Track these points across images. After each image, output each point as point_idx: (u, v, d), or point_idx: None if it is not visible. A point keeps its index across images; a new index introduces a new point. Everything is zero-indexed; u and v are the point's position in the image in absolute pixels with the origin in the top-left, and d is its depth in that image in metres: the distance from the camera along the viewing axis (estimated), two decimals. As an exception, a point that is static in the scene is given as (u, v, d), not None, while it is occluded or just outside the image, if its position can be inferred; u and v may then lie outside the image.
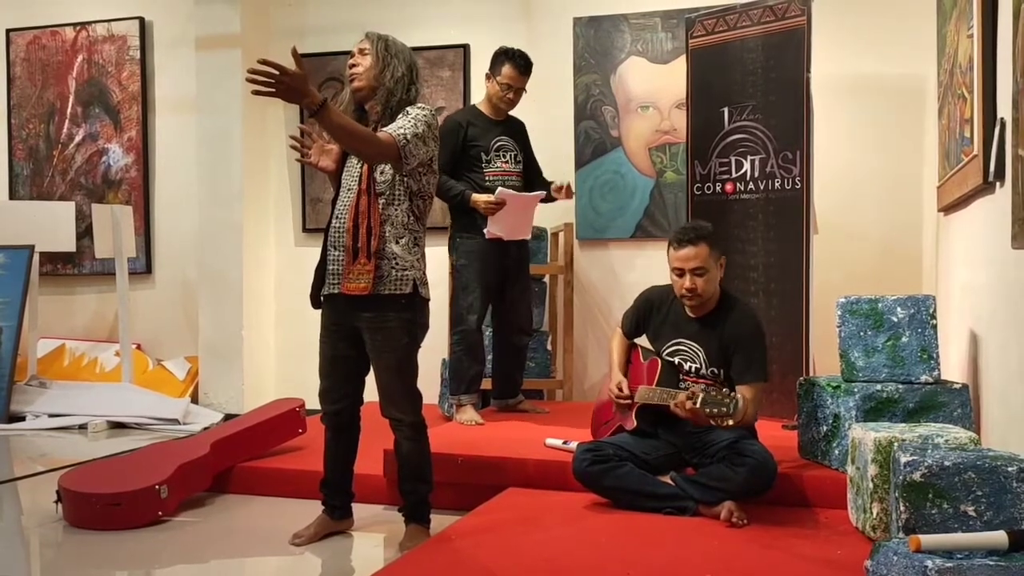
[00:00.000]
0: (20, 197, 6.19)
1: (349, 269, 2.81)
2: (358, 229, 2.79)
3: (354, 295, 2.80)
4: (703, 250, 3.03)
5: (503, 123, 4.24)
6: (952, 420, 2.98)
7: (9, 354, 5.36)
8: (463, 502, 3.22)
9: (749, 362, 3.05)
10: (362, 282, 2.78)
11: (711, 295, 3.10)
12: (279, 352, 5.71)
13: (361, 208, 2.80)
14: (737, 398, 2.79)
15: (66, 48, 6.12)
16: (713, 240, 3.08)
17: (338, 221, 2.86)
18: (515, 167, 4.22)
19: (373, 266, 2.77)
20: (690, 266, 3.03)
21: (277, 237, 5.76)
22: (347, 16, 5.54)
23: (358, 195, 2.81)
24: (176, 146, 5.92)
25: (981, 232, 3.14)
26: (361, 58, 2.88)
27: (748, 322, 3.10)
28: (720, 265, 3.11)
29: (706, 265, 3.03)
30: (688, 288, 3.05)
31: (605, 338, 4.94)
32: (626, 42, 5.09)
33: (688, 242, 3.04)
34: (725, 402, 2.79)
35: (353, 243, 2.80)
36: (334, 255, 2.87)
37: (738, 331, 3.07)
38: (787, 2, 3.92)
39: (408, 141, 2.75)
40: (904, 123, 4.68)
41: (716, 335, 3.09)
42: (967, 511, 2.19)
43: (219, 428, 4.09)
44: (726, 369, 3.09)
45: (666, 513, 2.93)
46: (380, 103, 2.86)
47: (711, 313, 3.13)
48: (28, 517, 3.56)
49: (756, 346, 3.07)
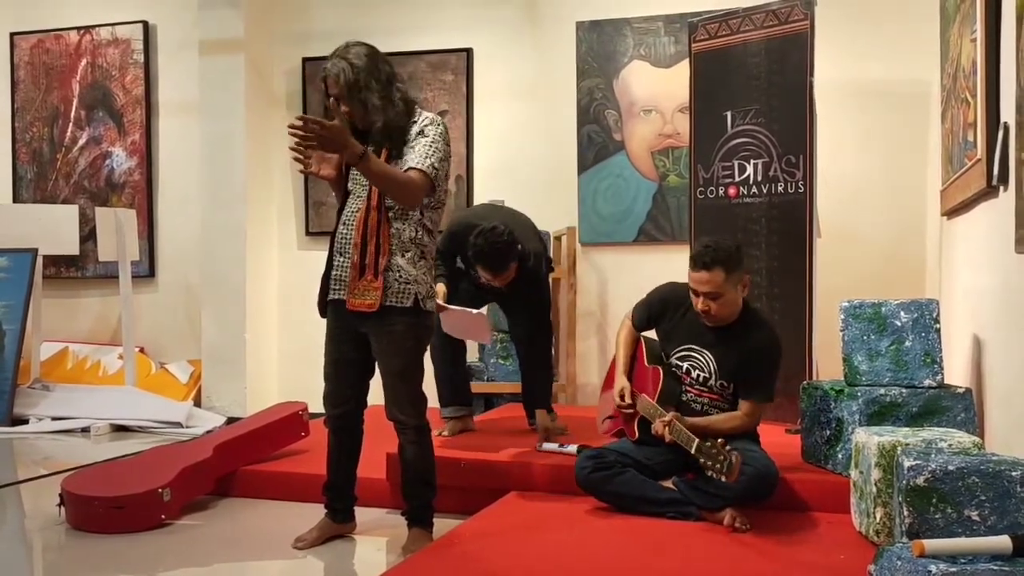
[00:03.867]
0: (24, 200, 6.20)
1: (355, 284, 2.81)
2: (366, 245, 2.79)
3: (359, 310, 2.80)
4: (717, 276, 2.93)
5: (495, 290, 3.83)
6: (956, 424, 2.97)
7: (12, 357, 5.36)
8: (466, 506, 3.22)
9: (759, 382, 3.03)
10: (368, 299, 2.79)
11: (728, 316, 3.04)
12: (282, 355, 5.71)
13: (371, 224, 2.80)
14: (732, 456, 2.67)
15: (70, 52, 6.13)
16: (732, 263, 2.96)
17: (345, 228, 2.86)
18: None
19: (381, 284, 2.78)
20: (703, 290, 2.98)
21: (280, 240, 5.76)
22: (350, 21, 5.55)
23: (367, 210, 2.80)
24: (179, 150, 5.93)
25: (984, 236, 3.13)
26: (342, 105, 2.75)
27: (767, 342, 3.05)
28: (743, 285, 3.03)
29: (720, 291, 2.95)
30: (702, 310, 3.02)
31: (608, 342, 4.94)
32: (629, 46, 5.09)
33: (703, 267, 2.95)
34: (721, 458, 2.69)
35: (361, 259, 2.80)
36: (339, 261, 2.87)
37: (758, 350, 3.02)
38: (790, 6, 3.92)
39: (436, 169, 2.79)
40: (907, 127, 4.68)
41: (734, 350, 3.04)
42: (971, 516, 2.18)
43: (222, 431, 4.09)
44: (735, 385, 3.06)
45: (669, 518, 2.92)
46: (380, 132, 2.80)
47: (730, 326, 3.07)
48: (31, 520, 3.56)
49: (771, 368, 3.04)
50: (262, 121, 5.60)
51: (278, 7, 5.69)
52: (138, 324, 5.79)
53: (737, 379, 3.05)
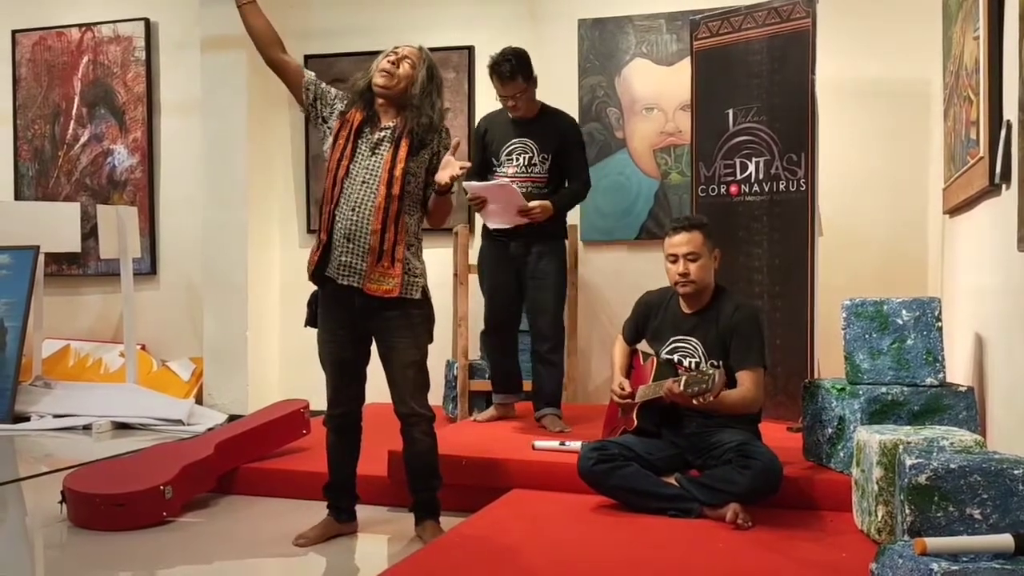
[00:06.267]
0: (25, 198, 6.20)
1: (372, 270, 2.84)
2: (385, 232, 2.83)
3: (377, 296, 2.85)
4: (696, 236, 3.10)
5: (527, 123, 4.02)
6: (958, 423, 2.97)
7: (14, 354, 5.37)
8: (467, 504, 3.21)
9: (747, 349, 3.06)
10: (386, 284, 2.84)
11: (705, 285, 3.14)
12: (283, 353, 5.70)
13: (391, 213, 2.84)
14: (715, 373, 2.80)
15: (72, 49, 6.13)
16: (707, 231, 3.14)
17: (356, 214, 2.84)
18: (529, 170, 4.01)
19: (399, 271, 2.83)
20: (683, 251, 3.09)
21: (282, 238, 5.76)
22: (352, 18, 5.55)
23: (387, 199, 2.83)
24: (181, 147, 5.93)
25: (987, 234, 3.13)
26: (403, 66, 2.90)
27: (743, 311, 3.12)
28: (715, 258, 3.15)
29: (699, 251, 3.09)
30: (681, 273, 3.09)
31: (610, 340, 4.90)
32: (631, 44, 5.09)
33: (682, 229, 3.13)
34: (703, 379, 2.82)
35: (379, 245, 2.83)
36: (347, 247, 2.85)
37: (734, 320, 3.09)
38: (792, 4, 3.92)
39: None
40: (909, 125, 4.67)
41: (712, 326, 3.12)
42: (973, 514, 2.18)
43: (223, 429, 4.10)
44: (726, 359, 3.09)
45: (670, 515, 2.92)
46: (399, 113, 2.92)
47: (706, 307, 3.16)
48: (32, 517, 3.56)
49: (753, 333, 3.08)
50: (264, 119, 5.60)
51: (280, 4, 5.66)
52: (139, 321, 5.80)
53: (725, 354, 3.09)
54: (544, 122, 4.06)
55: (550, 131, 4.04)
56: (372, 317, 2.90)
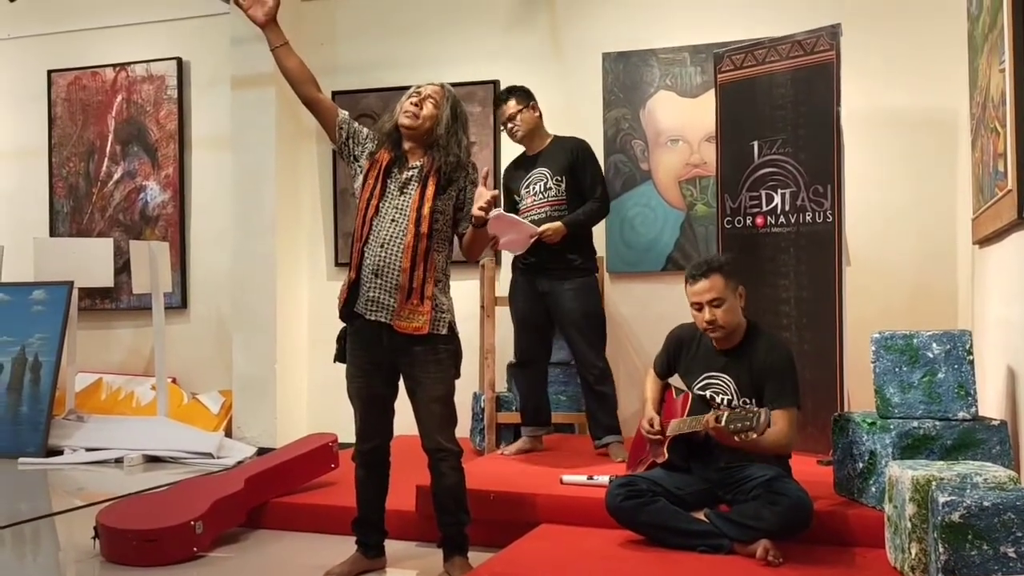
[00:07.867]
0: (60, 234, 6.32)
1: (402, 307, 2.87)
2: (415, 270, 2.87)
3: (406, 333, 2.88)
4: (717, 281, 3.05)
5: (539, 156, 4.22)
6: (991, 458, 2.94)
7: (48, 389, 5.45)
8: (496, 539, 3.21)
9: (781, 389, 3.04)
10: (416, 322, 2.87)
11: (735, 326, 3.11)
12: (312, 386, 5.74)
13: (420, 251, 2.88)
14: (761, 412, 2.77)
15: (106, 88, 6.26)
16: (727, 271, 3.10)
17: (385, 251, 2.88)
18: (546, 195, 4.14)
19: (428, 308, 2.87)
20: (706, 299, 3.06)
21: (310, 271, 5.82)
22: (379, 54, 5.63)
23: (416, 237, 2.87)
24: (211, 183, 6.02)
25: (1017, 266, 3.10)
26: (426, 106, 2.95)
27: (777, 351, 3.10)
28: (739, 295, 3.12)
29: (723, 296, 3.05)
30: (708, 321, 3.06)
31: (636, 371, 4.93)
32: (655, 76, 5.12)
33: (701, 276, 3.08)
34: (748, 416, 2.78)
35: (409, 283, 2.86)
36: (375, 283, 2.89)
37: (768, 360, 3.07)
38: (816, 37, 3.93)
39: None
40: (936, 156, 4.65)
41: (746, 366, 3.09)
42: (1007, 552, 2.15)
43: (253, 463, 4.13)
44: (758, 399, 3.07)
45: (700, 551, 2.90)
46: (426, 152, 2.97)
47: (739, 345, 3.13)
48: (66, 552, 3.60)
49: (787, 374, 3.06)
50: (292, 153, 5.68)
51: (309, 42, 5.77)
52: (170, 355, 5.87)
53: (758, 394, 3.07)
54: (554, 148, 4.24)
55: (559, 154, 4.21)
56: (400, 353, 2.92)
